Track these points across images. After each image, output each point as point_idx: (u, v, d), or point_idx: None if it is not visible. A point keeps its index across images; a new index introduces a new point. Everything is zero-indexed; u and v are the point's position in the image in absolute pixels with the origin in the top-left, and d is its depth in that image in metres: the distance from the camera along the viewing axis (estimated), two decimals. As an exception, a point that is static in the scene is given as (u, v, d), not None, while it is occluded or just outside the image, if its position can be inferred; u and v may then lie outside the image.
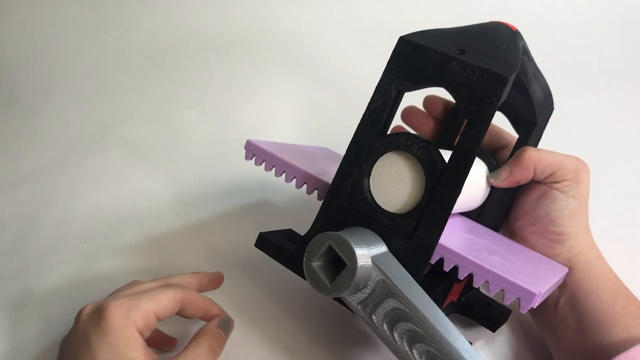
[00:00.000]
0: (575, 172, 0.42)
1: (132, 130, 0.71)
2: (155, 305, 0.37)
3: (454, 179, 0.34)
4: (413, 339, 0.33)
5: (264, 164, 0.44)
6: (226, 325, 0.40)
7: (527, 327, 0.47)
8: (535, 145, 0.46)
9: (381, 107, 0.37)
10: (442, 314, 0.33)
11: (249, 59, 0.85)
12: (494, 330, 0.45)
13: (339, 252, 0.34)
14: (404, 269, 0.35)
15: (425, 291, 0.34)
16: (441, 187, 0.35)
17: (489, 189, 0.44)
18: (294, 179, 0.43)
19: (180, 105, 0.75)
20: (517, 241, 0.44)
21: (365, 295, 0.35)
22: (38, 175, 0.64)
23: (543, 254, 0.42)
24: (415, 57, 0.36)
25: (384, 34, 0.89)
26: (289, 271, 0.41)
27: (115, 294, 0.40)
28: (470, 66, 0.34)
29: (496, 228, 0.46)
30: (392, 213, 0.36)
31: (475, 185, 0.42)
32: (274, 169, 0.43)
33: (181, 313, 0.40)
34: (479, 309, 0.45)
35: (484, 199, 0.45)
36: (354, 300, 0.36)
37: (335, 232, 0.35)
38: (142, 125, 0.72)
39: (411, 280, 0.35)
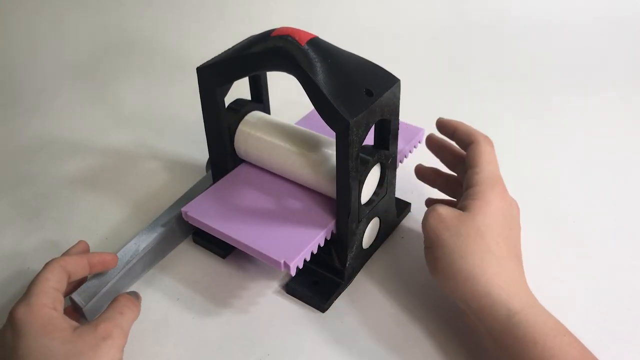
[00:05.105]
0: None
1: (133, 130, 0.71)
2: (44, 281, 0.40)
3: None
4: None
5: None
6: (135, 294, 0.43)
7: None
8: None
9: None
10: None
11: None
12: (323, 310, 0.47)
13: None
14: None
15: None
16: None
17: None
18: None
19: (181, 104, 0.75)
20: None
21: None
22: (38, 175, 0.64)
23: None
24: None
25: (384, 34, 0.89)
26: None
27: None
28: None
29: None
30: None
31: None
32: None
33: (72, 277, 0.42)
34: (306, 290, 0.47)
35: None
36: None
37: None
38: (142, 125, 0.72)
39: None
